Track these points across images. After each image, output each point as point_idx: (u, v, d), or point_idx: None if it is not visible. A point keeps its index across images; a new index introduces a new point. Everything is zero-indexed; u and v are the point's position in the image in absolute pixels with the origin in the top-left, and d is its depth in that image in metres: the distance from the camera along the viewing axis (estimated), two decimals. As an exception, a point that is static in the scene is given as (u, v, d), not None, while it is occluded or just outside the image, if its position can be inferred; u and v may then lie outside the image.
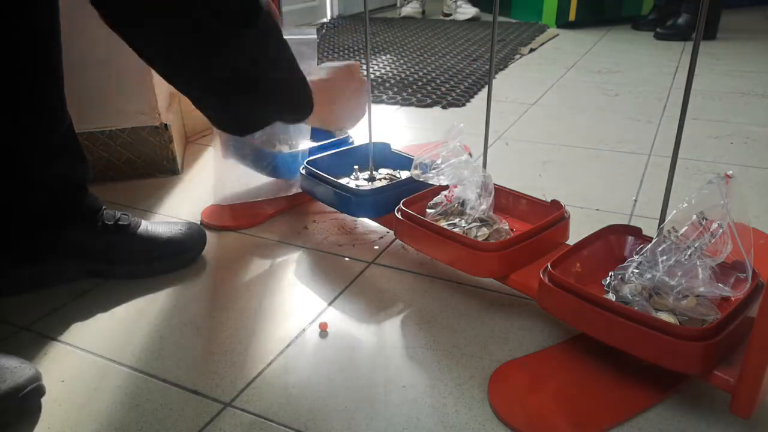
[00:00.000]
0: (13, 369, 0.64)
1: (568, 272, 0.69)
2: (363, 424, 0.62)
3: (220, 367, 0.70)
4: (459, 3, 3.28)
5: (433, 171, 0.81)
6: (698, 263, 0.60)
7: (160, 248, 0.88)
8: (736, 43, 2.48)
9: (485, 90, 1.84)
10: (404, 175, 0.98)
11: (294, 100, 0.77)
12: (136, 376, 0.69)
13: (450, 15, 3.34)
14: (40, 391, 0.66)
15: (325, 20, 3.14)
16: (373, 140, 1.00)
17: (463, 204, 0.82)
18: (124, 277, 0.87)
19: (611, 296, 0.65)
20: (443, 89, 1.84)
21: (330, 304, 0.82)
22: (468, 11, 3.22)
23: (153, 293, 0.85)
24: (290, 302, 0.83)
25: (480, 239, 0.77)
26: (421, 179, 0.82)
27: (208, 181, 1.21)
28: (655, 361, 0.59)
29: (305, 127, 1.05)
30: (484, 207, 0.80)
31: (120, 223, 0.87)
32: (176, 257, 0.90)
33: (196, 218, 1.06)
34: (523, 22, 3.06)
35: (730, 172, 0.57)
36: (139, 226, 0.89)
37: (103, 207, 0.88)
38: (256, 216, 1.06)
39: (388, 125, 1.56)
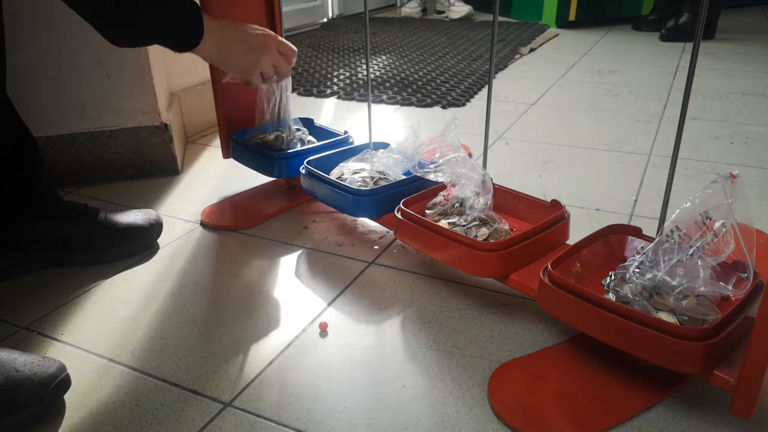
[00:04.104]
0: (39, 363, 0.65)
1: (568, 272, 0.69)
2: (363, 424, 0.62)
3: (220, 367, 0.71)
4: (452, 1, 3.29)
5: (431, 166, 0.81)
6: (699, 263, 0.60)
7: (120, 235, 0.90)
8: (736, 43, 2.48)
9: (485, 90, 1.84)
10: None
11: (177, 21, 0.78)
12: (136, 376, 0.69)
13: (443, 12, 3.35)
14: (68, 382, 0.66)
15: (325, 20, 3.14)
16: (373, 140, 1.01)
17: (462, 204, 0.82)
18: (85, 264, 0.88)
19: (611, 296, 0.65)
20: (443, 89, 1.84)
21: (330, 304, 0.82)
22: (461, 9, 3.23)
23: (153, 293, 0.85)
24: (290, 302, 0.83)
25: (480, 239, 0.77)
26: (418, 174, 0.82)
27: (208, 181, 1.21)
28: (655, 361, 0.59)
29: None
30: (482, 205, 0.80)
31: (78, 211, 0.88)
32: (135, 242, 0.92)
33: (197, 218, 1.06)
34: (523, 22, 3.06)
35: (736, 172, 0.57)
36: (98, 214, 0.90)
37: (60, 196, 0.89)
38: (256, 216, 1.06)
39: (388, 125, 1.56)
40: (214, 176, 1.24)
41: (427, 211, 0.83)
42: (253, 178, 1.15)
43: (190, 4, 0.80)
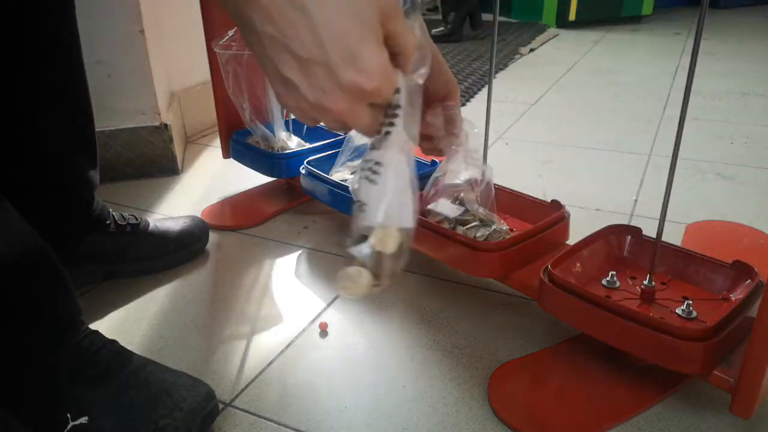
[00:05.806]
0: (189, 387, 0.61)
1: (568, 272, 0.69)
2: (363, 424, 0.62)
3: (220, 367, 0.70)
4: None
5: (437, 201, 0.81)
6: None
7: (174, 242, 0.90)
8: (736, 43, 2.48)
9: (485, 90, 1.83)
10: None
11: None
12: (136, 376, 0.69)
13: None
14: (216, 413, 0.62)
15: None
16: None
17: (462, 203, 0.82)
18: (141, 273, 0.88)
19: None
20: (443, 89, 1.84)
21: (330, 304, 0.82)
22: None
23: (153, 293, 0.85)
24: (290, 302, 0.83)
25: (479, 239, 0.77)
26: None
27: (208, 181, 1.21)
28: (655, 361, 0.59)
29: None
30: (483, 208, 0.80)
31: (131, 222, 0.88)
32: (188, 248, 0.92)
33: (196, 218, 1.06)
34: (523, 22, 3.06)
35: None
36: (149, 224, 0.90)
37: (110, 209, 0.88)
38: (256, 216, 1.06)
39: (388, 125, 1.56)
40: (214, 176, 1.24)
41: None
42: (253, 178, 1.15)
43: None
